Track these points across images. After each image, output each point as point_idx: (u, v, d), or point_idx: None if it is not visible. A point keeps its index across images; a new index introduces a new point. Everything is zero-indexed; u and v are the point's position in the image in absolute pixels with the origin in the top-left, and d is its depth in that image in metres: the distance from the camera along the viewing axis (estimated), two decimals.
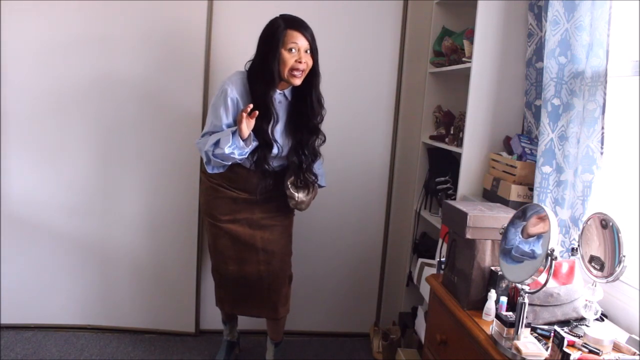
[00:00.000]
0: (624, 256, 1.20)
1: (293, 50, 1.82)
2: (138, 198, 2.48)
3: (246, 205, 2.03)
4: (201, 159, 2.23)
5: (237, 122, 1.79)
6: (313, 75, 1.90)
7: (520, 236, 1.31)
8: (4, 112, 2.36)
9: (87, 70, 2.36)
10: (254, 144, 1.84)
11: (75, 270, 2.51)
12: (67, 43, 2.33)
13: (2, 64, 2.31)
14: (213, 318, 2.56)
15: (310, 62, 1.87)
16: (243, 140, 1.79)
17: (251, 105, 1.75)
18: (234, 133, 1.78)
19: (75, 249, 2.49)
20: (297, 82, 1.86)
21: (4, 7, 2.28)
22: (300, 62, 1.83)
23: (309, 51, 1.85)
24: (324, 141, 2.05)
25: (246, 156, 1.86)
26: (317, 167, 2.16)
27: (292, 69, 1.83)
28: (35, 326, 2.53)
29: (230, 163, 1.90)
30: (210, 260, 2.18)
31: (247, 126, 1.77)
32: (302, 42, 1.83)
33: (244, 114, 1.74)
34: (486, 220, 1.44)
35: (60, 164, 2.42)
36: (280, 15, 1.88)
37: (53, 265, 2.49)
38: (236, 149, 1.80)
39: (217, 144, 1.81)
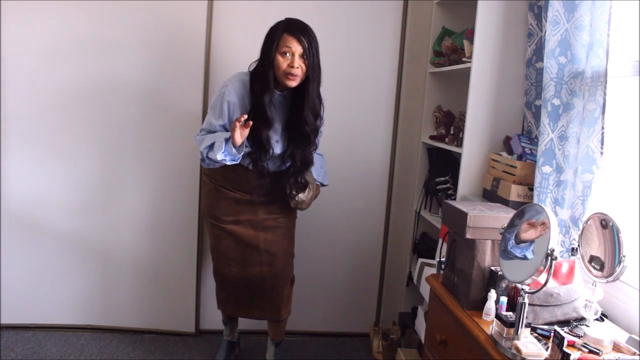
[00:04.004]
0: (624, 256, 1.20)
1: (287, 54, 1.81)
2: (138, 198, 2.48)
3: (249, 207, 2.03)
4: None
5: (230, 129, 1.78)
6: (308, 81, 1.86)
7: (513, 241, 1.31)
8: (5, 113, 2.35)
9: (87, 71, 2.36)
10: (246, 149, 1.85)
11: (75, 270, 2.51)
12: (67, 44, 2.33)
13: (2, 65, 2.31)
14: (213, 318, 2.56)
15: (304, 67, 1.83)
16: (235, 148, 1.79)
17: (245, 116, 1.73)
18: (227, 140, 1.78)
19: (76, 249, 2.49)
20: (292, 84, 1.84)
21: (4, 8, 2.28)
22: (292, 67, 1.81)
23: (304, 57, 1.82)
24: (314, 149, 2.03)
25: (238, 162, 1.86)
26: (320, 166, 2.15)
27: (286, 73, 1.82)
28: (35, 326, 2.53)
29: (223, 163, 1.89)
30: (211, 261, 2.18)
31: (241, 135, 1.76)
32: (296, 47, 1.80)
33: (237, 124, 1.73)
34: (486, 220, 1.44)
35: (60, 165, 2.42)
36: (285, 19, 1.87)
37: (53, 265, 2.49)
38: (228, 156, 1.81)
39: (211, 147, 1.81)
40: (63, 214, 2.46)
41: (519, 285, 1.24)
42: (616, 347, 1.22)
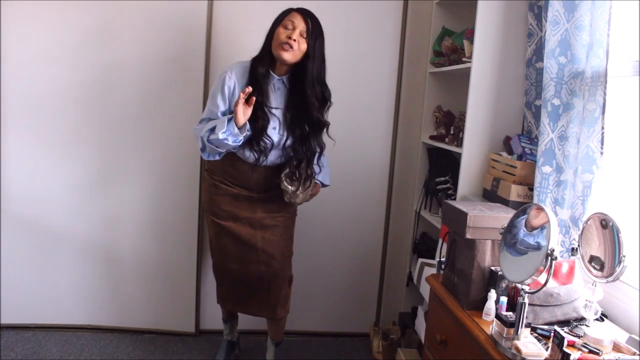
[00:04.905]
0: (624, 256, 1.20)
1: (288, 27, 1.84)
2: (138, 197, 2.48)
3: (247, 204, 2.02)
4: (201, 158, 2.24)
5: (233, 106, 1.80)
6: (308, 60, 1.88)
7: (524, 229, 1.31)
8: (4, 110, 2.35)
9: (88, 70, 2.36)
10: (248, 133, 1.85)
11: (75, 270, 2.51)
12: (68, 42, 2.33)
13: (2, 60, 2.31)
14: (213, 318, 2.56)
15: (304, 46, 1.85)
16: (238, 128, 1.80)
17: (250, 88, 1.75)
18: (229, 120, 1.79)
19: (76, 249, 2.49)
20: (285, 55, 1.84)
21: (4, 7, 2.28)
22: (290, 38, 1.82)
23: (305, 36, 1.85)
24: (326, 130, 2.01)
25: (240, 144, 1.86)
26: (323, 165, 2.14)
27: (281, 43, 1.83)
28: (35, 326, 2.53)
29: (224, 151, 1.90)
30: (210, 258, 2.18)
31: (244, 113, 1.78)
32: (299, 23, 1.84)
33: (242, 96, 1.75)
34: (486, 220, 1.44)
35: (60, 163, 2.42)
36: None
37: (53, 265, 2.49)
38: (230, 136, 1.81)
39: (212, 130, 1.82)
40: (62, 213, 2.45)
41: (519, 285, 1.24)
42: (616, 347, 1.22)
